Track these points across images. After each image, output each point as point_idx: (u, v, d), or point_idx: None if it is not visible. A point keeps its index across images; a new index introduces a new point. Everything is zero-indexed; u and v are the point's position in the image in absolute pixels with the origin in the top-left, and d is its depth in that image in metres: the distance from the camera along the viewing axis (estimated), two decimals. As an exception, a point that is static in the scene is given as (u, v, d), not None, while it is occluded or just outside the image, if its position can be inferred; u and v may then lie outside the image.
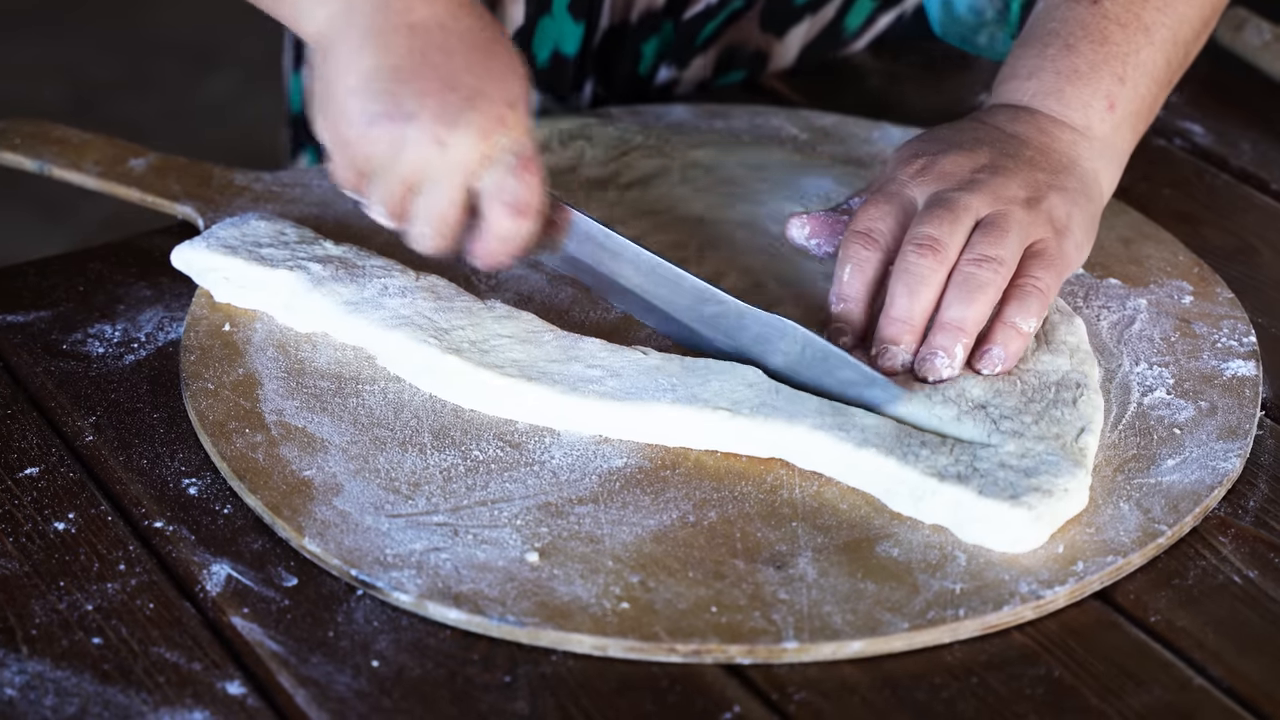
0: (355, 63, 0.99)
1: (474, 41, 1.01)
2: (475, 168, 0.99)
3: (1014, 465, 0.95)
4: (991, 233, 1.01)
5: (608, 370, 1.01)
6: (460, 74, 0.99)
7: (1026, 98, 1.10)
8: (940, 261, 1.01)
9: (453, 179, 0.99)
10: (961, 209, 1.02)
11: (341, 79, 1.00)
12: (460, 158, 0.99)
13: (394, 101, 0.98)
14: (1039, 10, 1.14)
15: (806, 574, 0.92)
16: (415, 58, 0.99)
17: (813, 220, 1.08)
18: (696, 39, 1.38)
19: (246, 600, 0.91)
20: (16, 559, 0.93)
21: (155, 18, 3.34)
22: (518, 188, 1.00)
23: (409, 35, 0.99)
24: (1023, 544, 0.93)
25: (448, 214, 1.01)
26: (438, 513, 0.94)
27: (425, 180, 1.00)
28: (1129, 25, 1.10)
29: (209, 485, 0.98)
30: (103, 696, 0.86)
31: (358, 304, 1.05)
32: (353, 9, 1.00)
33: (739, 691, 0.87)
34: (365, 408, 1.01)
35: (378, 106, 0.98)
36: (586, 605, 0.90)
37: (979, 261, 1.00)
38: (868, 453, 0.95)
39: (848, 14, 1.42)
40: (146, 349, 1.08)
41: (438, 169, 0.99)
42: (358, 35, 0.99)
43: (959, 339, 1.00)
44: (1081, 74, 1.09)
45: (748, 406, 0.98)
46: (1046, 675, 0.89)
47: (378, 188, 1.01)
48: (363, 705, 0.86)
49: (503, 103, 0.99)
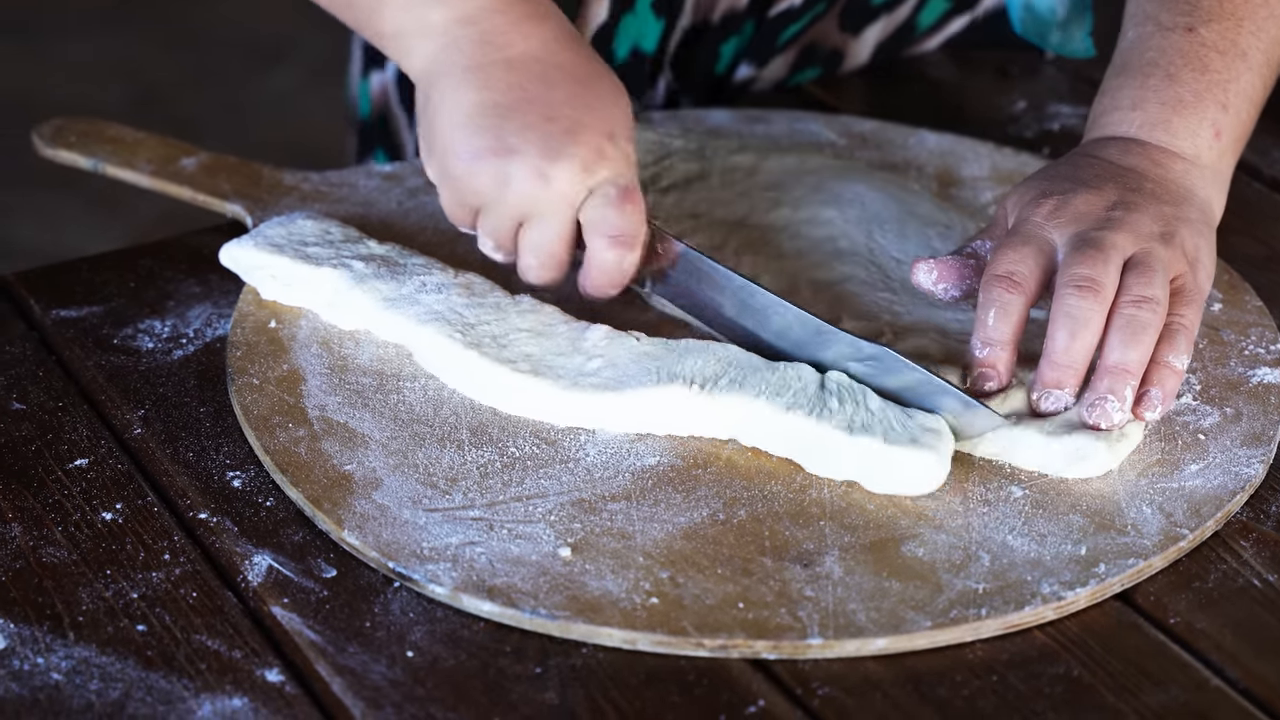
0: (458, 99, 1.02)
1: (573, 74, 1.04)
2: (578, 200, 1.02)
3: (893, 408, 0.99)
4: (1145, 273, 1.01)
5: (606, 360, 1.04)
6: (560, 106, 1.02)
7: (1134, 129, 1.10)
8: (1100, 302, 1.00)
9: (558, 212, 1.02)
10: (1110, 248, 1.01)
11: (446, 115, 1.03)
12: (563, 190, 1.02)
13: (497, 136, 1.01)
14: (1132, 40, 1.14)
15: (833, 572, 0.94)
16: (516, 92, 1.02)
17: (940, 265, 1.06)
18: (779, 39, 1.40)
19: (287, 590, 0.94)
20: (65, 547, 0.96)
21: (218, 15, 3.38)
22: (618, 219, 1.03)
23: (508, 70, 1.02)
24: (926, 485, 0.97)
25: (554, 246, 1.04)
26: (474, 507, 0.97)
27: (531, 214, 1.03)
28: (1228, 53, 1.11)
29: (252, 478, 1.01)
30: (146, 682, 0.89)
31: (395, 300, 1.08)
32: (453, 46, 1.03)
33: (764, 686, 0.89)
34: (405, 404, 1.04)
35: (481, 142, 1.01)
36: (617, 600, 0.92)
37: (1139, 303, 1.00)
38: (794, 415, 0.99)
39: (921, 11, 1.43)
40: (194, 344, 1.11)
41: (542, 203, 1.02)
42: (459, 72, 1.03)
43: (1127, 382, 0.99)
44: (1187, 104, 1.10)
45: (712, 383, 1.01)
46: (1065, 674, 0.90)
47: (486, 222, 1.04)
48: (397, 694, 0.88)
49: (603, 134, 1.02)
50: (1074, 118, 1.38)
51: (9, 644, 0.90)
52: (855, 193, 1.20)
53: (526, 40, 1.03)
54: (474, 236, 1.08)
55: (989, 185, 1.25)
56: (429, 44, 1.04)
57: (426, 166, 1.05)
